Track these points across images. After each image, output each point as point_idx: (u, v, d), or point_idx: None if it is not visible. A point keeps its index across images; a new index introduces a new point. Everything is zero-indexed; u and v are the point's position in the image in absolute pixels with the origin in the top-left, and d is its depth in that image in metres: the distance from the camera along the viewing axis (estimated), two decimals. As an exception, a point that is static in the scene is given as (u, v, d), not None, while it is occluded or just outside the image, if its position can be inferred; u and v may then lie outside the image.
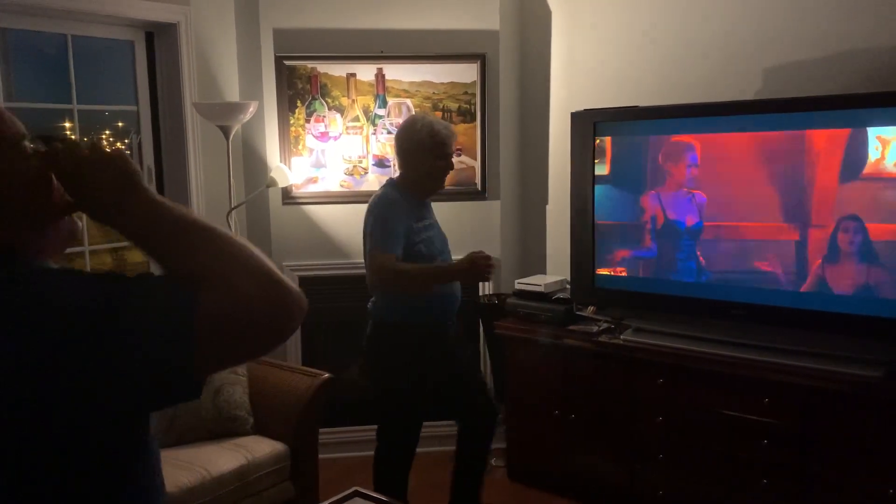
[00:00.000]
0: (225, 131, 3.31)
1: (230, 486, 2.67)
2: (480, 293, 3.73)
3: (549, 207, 3.83)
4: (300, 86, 3.57)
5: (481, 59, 3.61)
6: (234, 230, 3.35)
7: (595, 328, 3.20)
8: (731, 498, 2.82)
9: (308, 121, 3.58)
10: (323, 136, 3.60)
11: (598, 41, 3.56)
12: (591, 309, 3.37)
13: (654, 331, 3.08)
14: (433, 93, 3.61)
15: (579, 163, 3.21)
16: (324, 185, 3.63)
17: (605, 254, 3.20)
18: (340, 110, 3.60)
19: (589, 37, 3.59)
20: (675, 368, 2.91)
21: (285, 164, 3.57)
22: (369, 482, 2.75)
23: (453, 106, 3.62)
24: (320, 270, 3.63)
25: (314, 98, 3.58)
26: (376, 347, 2.75)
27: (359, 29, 3.56)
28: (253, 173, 3.66)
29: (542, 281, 3.46)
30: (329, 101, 3.59)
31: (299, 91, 3.57)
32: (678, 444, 2.94)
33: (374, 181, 3.62)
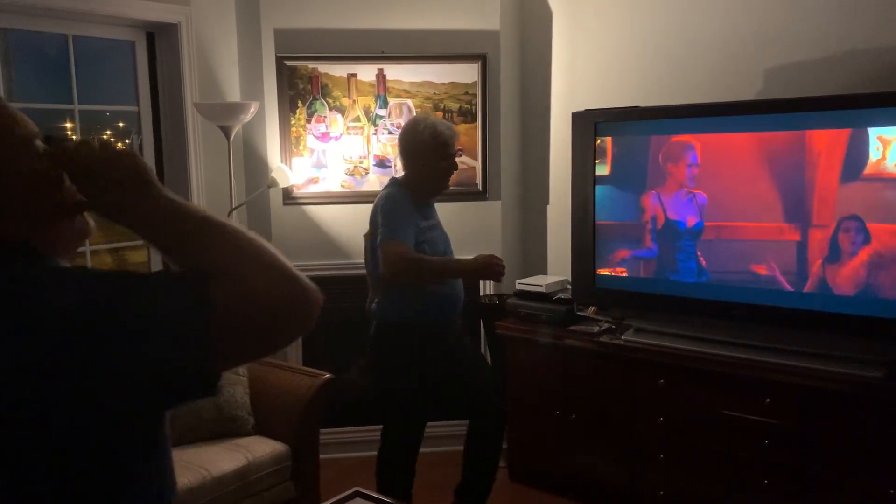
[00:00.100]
0: (226, 131, 3.31)
1: (231, 486, 2.68)
2: (481, 293, 3.73)
3: (549, 208, 3.83)
4: (301, 86, 3.57)
5: (482, 59, 3.61)
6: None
7: (596, 328, 3.20)
8: (732, 498, 2.82)
9: (309, 121, 3.59)
10: (324, 137, 3.61)
11: (598, 41, 3.57)
12: (591, 309, 3.37)
13: (654, 331, 3.08)
14: (434, 93, 3.61)
15: (580, 163, 3.21)
16: (325, 186, 3.63)
17: (605, 254, 3.20)
18: (341, 110, 3.60)
19: (590, 37, 3.59)
20: (676, 369, 2.91)
21: (286, 164, 3.57)
22: (370, 482, 2.74)
23: (454, 106, 3.62)
24: (321, 271, 3.62)
25: (315, 98, 3.58)
26: (379, 347, 2.75)
27: (360, 29, 3.56)
28: (254, 173, 3.67)
29: (543, 281, 3.46)
30: (330, 101, 3.59)
31: (300, 91, 3.57)
32: (679, 445, 2.94)
33: (374, 181, 3.62)
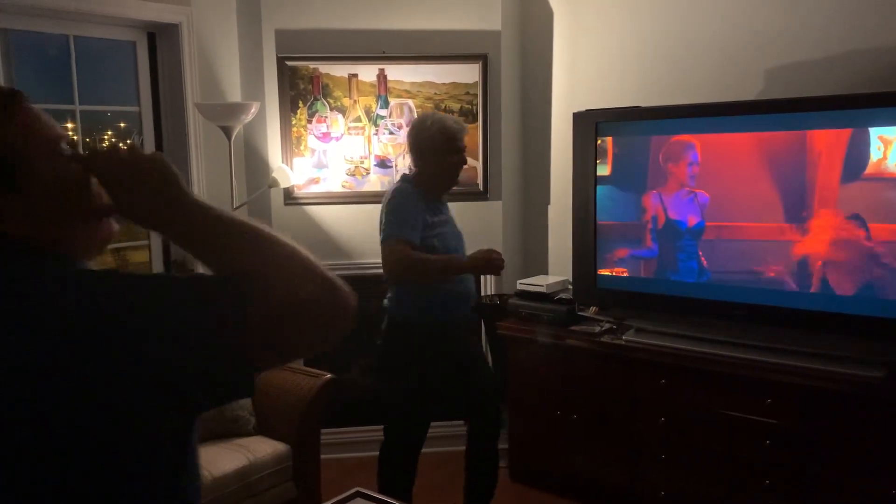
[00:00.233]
0: (227, 132, 3.31)
1: (232, 486, 2.68)
2: (482, 293, 3.73)
3: (550, 208, 3.83)
4: (302, 86, 3.57)
5: (483, 59, 3.61)
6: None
7: (597, 329, 3.20)
8: (732, 498, 2.82)
9: (310, 121, 3.59)
10: (325, 137, 3.61)
11: (599, 41, 3.56)
12: (592, 309, 3.37)
13: (655, 331, 3.08)
14: (435, 93, 3.61)
15: (581, 163, 3.21)
16: (326, 186, 3.63)
17: (606, 254, 3.20)
18: (342, 111, 3.60)
19: (591, 37, 3.59)
20: (677, 369, 2.91)
21: (287, 164, 3.57)
22: (371, 482, 2.75)
23: (455, 106, 3.62)
24: (322, 271, 3.62)
25: (316, 98, 3.58)
26: (386, 345, 2.76)
27: (360, 29, 3.56)
28: (255, 174, 3.67)
29: (544, 281, 3.46)
30: (331, 101, 3.59)
31: (301, 91, 3.57)
32: (679, 445, 2.94)
33: (375, 182, 3.62)
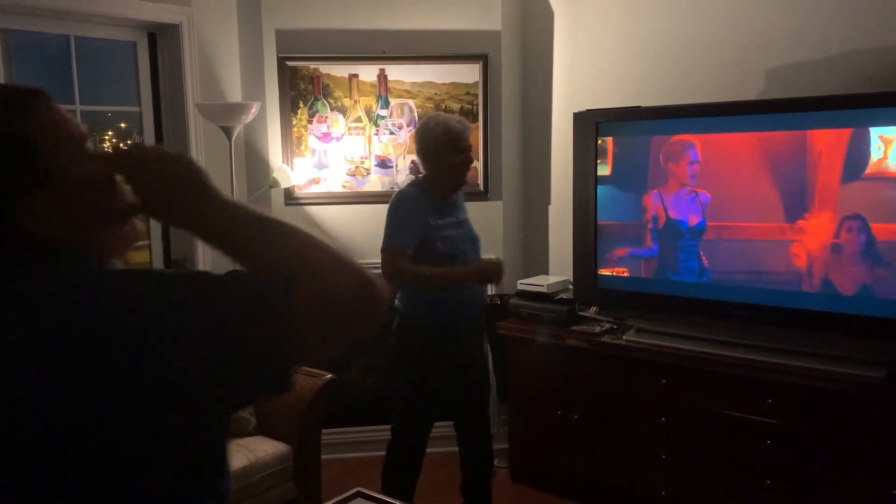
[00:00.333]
0: (227, 132, 3.31)
1: (233, 486, 2.68)
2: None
3: (551, 208, 3.83)
4: (302, 86, 3.57)
5: (483, 59, 3.61)
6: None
7: (597, 329, 3.20)
8: (733, 498, 2.82)
9: (310, 121, 3.59)
10: (325, 137, 3.61)
11: (600, 42, 3.56)
12: (593, 309, 3.37)
13: (656, 331, 3.08)
14: (435, 93, 3.61)
15: (581, 163, 3.22)
16: (326, 186, 3.64)
17: (607, 254, 3.20)
18: (343, 111, 3.60)
19: (591, 37, 3.59)
20: (677, 369, 2.91)
21: (288, 164, 3.57)
22: (372, 482, 2.74)
23: (455, 106, 3.62)
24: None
25: (316, 99, 3.58)
26: (397, 344, 2.77)
27: (361, 29, 3.56)
28: (255, 174, 3.67)
29: (545, 281, 3.46)
30: (331, 101, 3.59)
31: (302, 92, 3.57)
32: (680, 445, 2.94)
33: (376, 182, 3.63)
